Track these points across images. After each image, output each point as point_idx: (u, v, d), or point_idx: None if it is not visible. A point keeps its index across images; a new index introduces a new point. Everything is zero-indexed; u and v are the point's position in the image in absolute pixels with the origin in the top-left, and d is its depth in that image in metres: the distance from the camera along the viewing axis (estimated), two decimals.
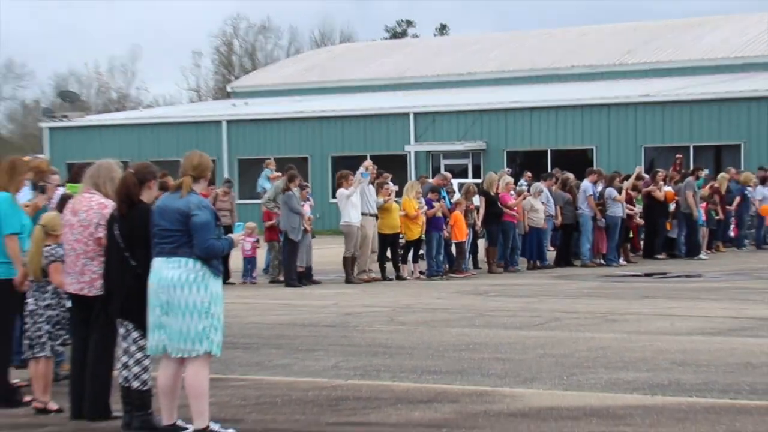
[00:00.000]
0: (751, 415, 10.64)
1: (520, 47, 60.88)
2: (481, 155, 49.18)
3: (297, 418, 10.93)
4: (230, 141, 53.15)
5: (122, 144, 53.92)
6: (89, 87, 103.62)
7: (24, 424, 11.00)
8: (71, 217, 11.19)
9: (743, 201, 34.60)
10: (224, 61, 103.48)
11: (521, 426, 10.38)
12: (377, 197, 26.24)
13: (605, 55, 56.96)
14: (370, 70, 62.74)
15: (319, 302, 21.55)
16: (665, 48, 56.40)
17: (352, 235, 25.64)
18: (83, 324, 11.11)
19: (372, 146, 49.84)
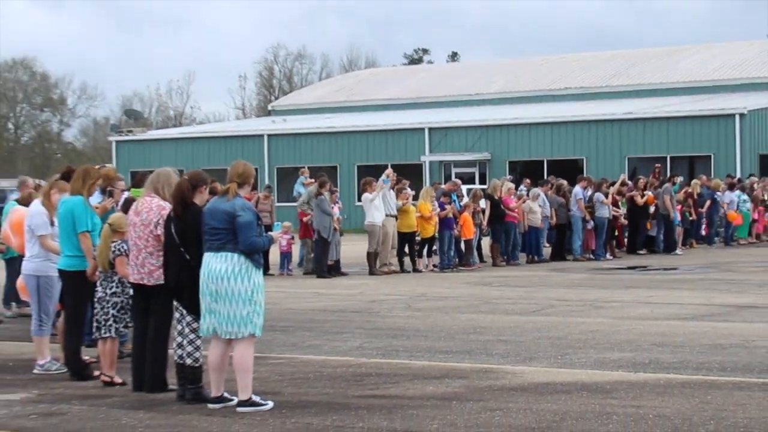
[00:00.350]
0: (720, 390, 10.57)
1: (520, 71, 60.81)
2: (487, 164, 49.17)
3: (327, 391, 10.89)
4: (270, 152, 53.21)
5: (178, 155, 54.03)
6: (151, 106, 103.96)
7: (93, 395, 10.99)
8: (134, 217, 11.18)
9: (713, 204, 34.52)
10: (266, 83, 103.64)
11: (521, 399, 10.32)
12: (397, 200, 26.21)
13: (594, 79, 56.91)
14: (390, 91, 62.73)
15: (346, 291, 21.52)
16: (646, 72, 56.31)
17: (375, 234, 25.62)
18: (143, 309, 11.11)
19: (392, 157, 49.82)
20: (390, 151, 50.73)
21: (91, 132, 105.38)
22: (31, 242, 12.67)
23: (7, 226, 15.85)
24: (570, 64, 60.40)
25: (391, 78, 66.91)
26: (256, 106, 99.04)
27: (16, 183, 17.98)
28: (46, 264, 12.48)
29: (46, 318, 12.53)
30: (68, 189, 12.39)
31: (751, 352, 12.88)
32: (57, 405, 10.48)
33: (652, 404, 9.90)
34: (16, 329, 16.14)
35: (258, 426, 9.32)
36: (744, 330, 14.79)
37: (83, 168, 12.45)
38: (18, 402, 10.68)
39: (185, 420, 9.65)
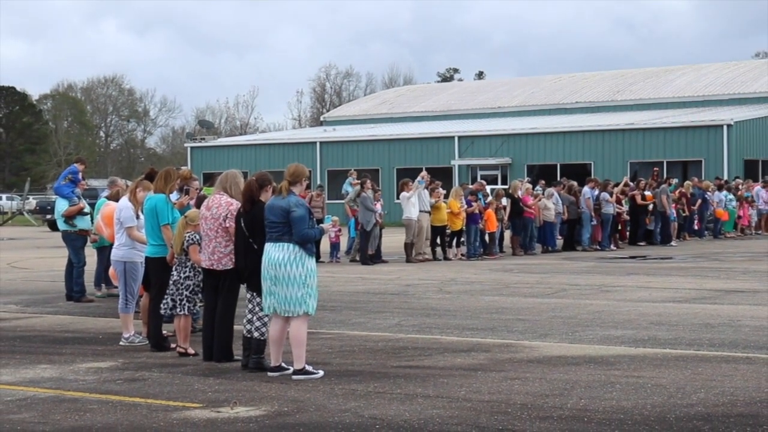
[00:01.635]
0: (710, 363, 10.46)
1: (537, 88, 60.52)
2: (508, 168, 48.97)
3: (369, 362, 10.85)
4: (322, 157, 53.22)
5: (243, 159, 54.17)
6: (220, 117, 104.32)
7: (170, 364, 11.00)
8: (206, 212, 11.19)
9: (704, 202, 34.27)
10: (318, 98, 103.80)
11: (537, 370, 10.24)
12: (430, 198, 26.13)
13: (600, 94, 56.58)
14: (425, 104, 62.60)
15: (386, 276, 21.43)
16: (645, 89, 55.93)
17: (411, 227, 25.54)
18: (213, 291, 11.11)
19: (426, 161, 49.67)
20: (424, 156, 50.60)
21: (170, 139, 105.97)
22: (119, 233, 12.72)
23: (99, 219, 15.94)
24: (579, 81, 60.07)
25: (426, 93, 66.75)
26: (310, 117, 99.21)
27: (107, 182, 18.04)
28: (131, 252, 12.52)
29: (131, 298, 12.57)
30: (151, 187, 12.44)
31: (736, 330, 12.73)
32: (139, 372, 10.50)
33: (650, 375, 9.80)
34: (105, 307, 16.24)
35: (310, 391, 9.30)
36: (730, 311, 14.63)
37: (165, 170, 12.49)
38: (106, 369, 10.71)
39: (248, 386, 9.64)
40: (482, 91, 63.47)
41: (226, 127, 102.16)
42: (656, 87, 55.74)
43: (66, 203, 17.70)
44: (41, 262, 26.65)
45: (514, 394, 9.00)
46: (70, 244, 17.58)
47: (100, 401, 9.03)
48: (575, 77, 62.02)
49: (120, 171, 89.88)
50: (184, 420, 8.26)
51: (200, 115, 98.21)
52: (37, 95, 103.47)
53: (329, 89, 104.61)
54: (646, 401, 8.60)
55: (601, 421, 7.92)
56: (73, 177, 17.94)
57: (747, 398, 8.67)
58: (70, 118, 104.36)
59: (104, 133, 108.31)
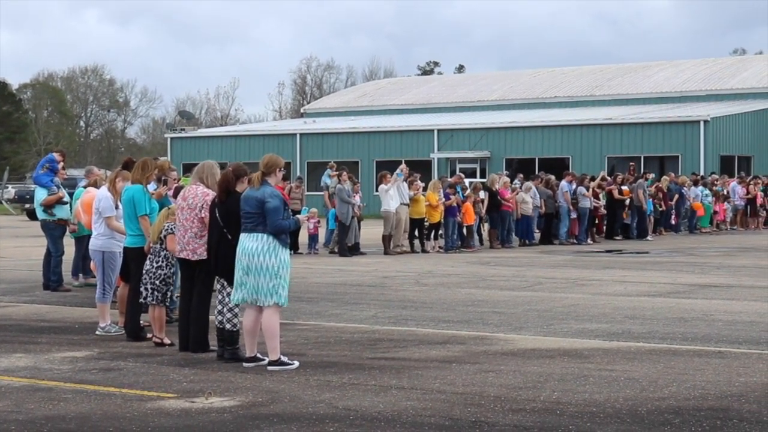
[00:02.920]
0: (682, 356, 10.50)
1: (516, 82, 60.59)
2: (487, 161, 48.99)
3: (345, 353, 10.84)
4: (302, 149, 53.12)
5: (223, 150, 54.01)
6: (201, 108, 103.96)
7: (146, 354, 10.96)
8: (182, 202, 11.15)
9: (680, 197, 34.38)
10: (299, 90, 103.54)
11: (512, 362, 10.25)
12: (409, 191, 26.11)
13: (579, 89, 56.68)
14: (405, 97, 62.55)
15: (363, 268, 21.38)
16: (623, 84, 56.06)
17: (390, 219, 25.53)
18: (188, 281, 11.07)
19: (406, 154, 49.70)
20: (404, 149, 50.58)
21: (150, 130, 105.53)
22: (97, 222, 12.66)
23: (78, 206, 15.89)
24: (558, 76, 60.16)
25: (406, 86, 66.71)
26: (291, 109, 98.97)
27: (84, 172, 17.96)
28: (110, 242, 12.47)
29: (109, 288, 12.52)
30: (129, 177, 12.39)
31: (709, 325, 12.78)
32: (115, 362, 10.46)
33: (623, 368, 9.83)
34: (82, 297, 16.15)
35: (285, 382, 9.28)
36: (704, 306, 14.68)
37: (142, 160, 12.44)
38: (82, 359, 10.66)
39: (223, 376, 9.61)
40: (462, 85, 63.47)
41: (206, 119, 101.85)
42: (634, 82, 55.88)
43: (45, 192, 17.60)
44: (19, 251, 26.50)
45: (487, 387, 9.00)
46: (49, 233, 17.49)
47: (74, 390, 8.99)
48: (554, 72, 62.09)
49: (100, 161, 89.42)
50: (158, 410, 8.23)
51: (180, 106, 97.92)
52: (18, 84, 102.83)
53: (310, 82, 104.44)
54: (619, 394, 8.62)
55: (573, 414, 7.93)
56: (51, 166, 17.84)
57: (718, 392, 8.70)
58: (50, 107, 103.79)
59: (84, 123, 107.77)
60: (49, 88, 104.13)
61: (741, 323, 12.89)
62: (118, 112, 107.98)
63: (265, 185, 10.02)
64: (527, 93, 57.89)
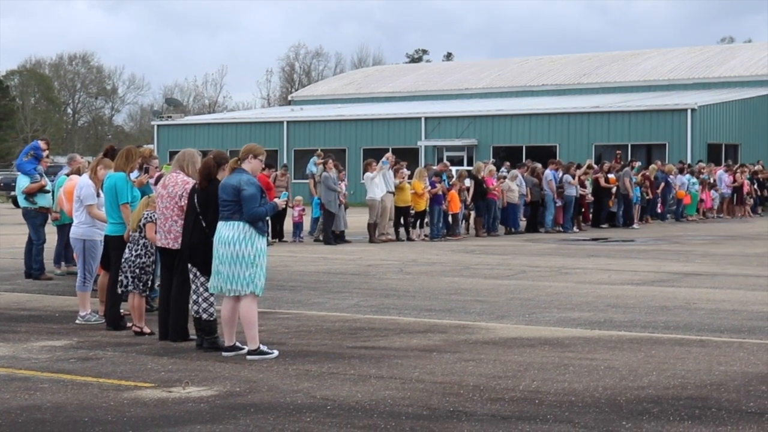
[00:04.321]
0: (663, 345, 10.47)
1: (504, 70, 60.52)
2: (474, 149, 48.94)
3: (325, 342, 10.78)
4: (289, 136, 52.94)
5: (210, 137, 53.84)
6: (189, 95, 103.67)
7: (125, 343, 10.89)
8: (162, 190, 11.08)
9: (667, 186, 34.42)
10: (288, 77, 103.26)
11: (492, 351, 10.21)
12: (394, 179, 26.06)
13: (567, 77, 56.63)
14: (393, 85, 62.45)
15: (348, 257, 21.32)
16: (611, 72, 56.04)
17: (375, 207, 25.48)
18: (168, 270, 11.00)
19: (393, 141, 49.61)
20: (391, 137, 50.49)
21: (138, 117, 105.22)
22: (78, 211, 12.59)
23: (61, 193, 15.80)
24: (546, 64, 60.10)
25: (394, 74, 66.58)
26: (279, 97, 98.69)
27: (66, 159, 17.86)
28: (91, 230, 12.40)
29: (89, 276, 12.46)
30: (112, 166, 12.32)
31: (692, 313, 12.76)
32: (93, 351, 10.39)
33: (604, 357, 9.80)
34: (63, 285, 16.07)
35: (264, 371, 9.23)
36: (687, 294, 14.67)
37: (126, 149, 12.37)
38: (60, 348, 10.59)
39: (202, 365, 9.56)
40: (450, 73, 63.36)
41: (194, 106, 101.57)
42: (622, 70, 55.86)
43: (27, 180, 17.49)
44: (2, 239, 26.35)
45: (467, 376, 8.96)
46: (30, 221, 17.40)
47: (51, 380, 8.93)
48: (542, 60, 62.03)
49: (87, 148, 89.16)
50: (135, 399, 8.18)
51: (168, 93, 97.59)
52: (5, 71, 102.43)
53: (298, 69, 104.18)
54: (598, 383, 8.59)
55: (552, 404, 7.90)
56: (36, 153, 17.73)
57: (698, 381, 8.67)
58: (38, 94, 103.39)
59: (72, 110, 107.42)
60: (36, 75, 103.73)
61: (723, 312, 12.88)
62: (105, 100, 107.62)
63: (241, 172, 9.95)
64: (515, 81, 57.82)
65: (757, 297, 14.30)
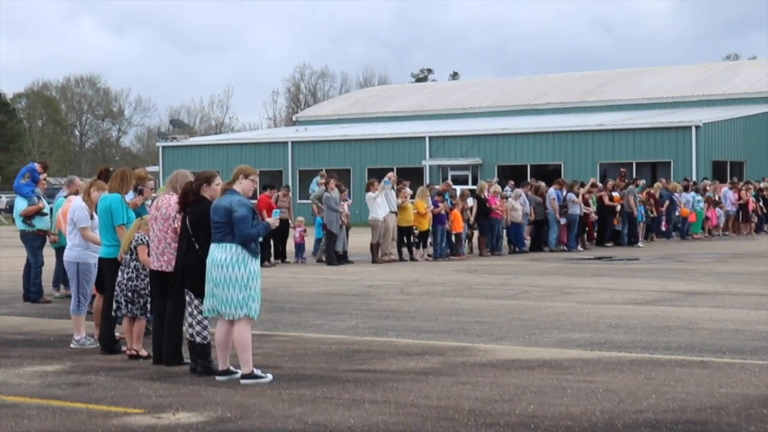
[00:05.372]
0: (664, 367, 10.28)
1: (508, 89, 60.45)
2: (479, 168, 48.82)
3: (321, 366, 10.60)
4: (293, 156, 52.85)
5: (215, 158, 53.80)
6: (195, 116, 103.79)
7: (119, 368, 10.72)
8: (155, 212, 10.95)
9: (671, 204, 34.21)
10: (293, 98, 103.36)
11: (489, 374, 10.03)
12: (397, 198, 25.91)
13: (571, 95, 56.53)
14: (397, 105, 62.41)
15: (349, 277, 21.13)
16: (615, 90, 55.93)
17: (377, 227, 25.32)
18: (162, 293, 10.84)
19: (397, 161, 49.54)
20: (396, 156, 50.40)
21: (145, 138, 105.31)
22: (72, 233, 12.46)
23: (59, 215, 15.69)
24: (551, 82, 60.04)
25: (399, 94, 66.55)
26: (285, 117, 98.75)
27: (65, 182, 17.73)
28: (85, 252, 12.25)
29: (84, 299, 12.30)
30: (105, 188, 12.19)
31: (694, 333, 12.57)
32: (86, 376, 10.23)
33: (603, 379, 9.61)
34: (61, 308, 15.88)
35: (256, 396, 9.05)
36: (690, 314, 14.47)
37: (121, 170, 12.27)
38: (52, 373, 10.43)
39: (194, 390, 9.39)
40: (455, 92, 63.31)
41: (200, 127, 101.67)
42: (627, 88, 55.74)
43: (25, 202, 17.39)
44: (4, 261, 26.22)
45: (463, 400, 8.78)
46: (28, 243, 17.28)
47: (39, 407, 8.76)
48: (546, 78, 61.97)
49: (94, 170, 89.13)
50: (123, 426, 8.01)
51: (174, 114, 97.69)
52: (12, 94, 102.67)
53: (304, 89, 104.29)
54: (596, 407, 8.40)
55: (547, 428, 7.71)
56: (32, 175, 17.63)
57: (698, 404, 8.48)
58: (45, 116, 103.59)
59: (79, 132, 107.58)
60: (43, 98, 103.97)
61: (726, 332, 12.68)
62: (112, 122, 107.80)
63: (233, 194, 9.81)
64: (519, 99, 57.73)
65: (760, 316, 14.10)
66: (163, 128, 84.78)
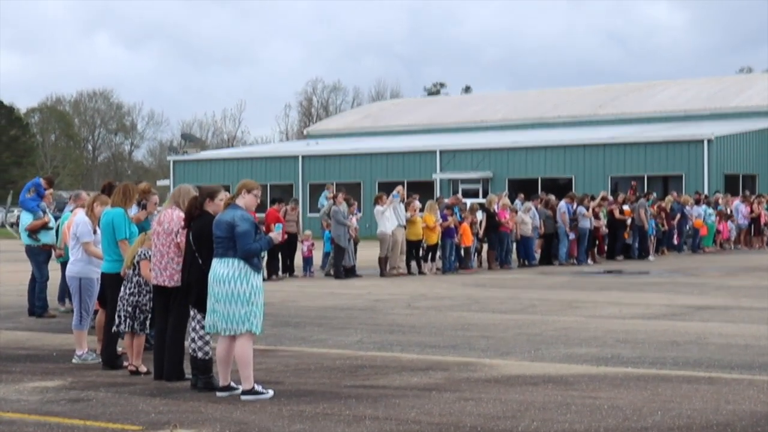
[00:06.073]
0: (671, 382, 10.13)
1: (519, 102, 60.35)
2: (489, 182, 48.65)
3: (323, 381, 10.48)
4: (304, 170, 52.78)
5: (225, 172, 53.78)
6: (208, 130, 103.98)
7: (119, 383, 10.62)
8: (157, 226, 10.86)
9: (683, 217, 34.03)
10: (305, 111, 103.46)
11: (493, 390, 9.89)
12: (406, 212, 25.80)
13: (582, 108, 56.37)
14: (409, 118, 62.32)
15: (357, 291, 20.97)
16: (627, 103, 55.75)
17: (386, 241, 25.20)
18: (164, 308, 10.74)
19: (408, 174, 49.44)
20: (406, 170, 50.29)
21: (157, 152, 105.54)
22: (75, 248, 12.38)
23: (65, 229, 15.60)
24: (562, 95, 59.90)
25: (410, 107, 66.48)
26: (297, 131, 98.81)
27: (72, 196, 17.66)
28: (87, 267, 12.17)
29: (86, 314, 12.21)
30: (108, 202, 12.12)
31: (702, 348, 12.41)
32: (85, 392, 10.12)
33: (608, 395, 9.46)
34: (66, 323, 15.68)
35: (256, 413, 8.94)
36: (699, 328, 14.30)
37: (123, 185, 12.18)
38: (52, 389, 10.33)
39: (194, 407, 9.28)
40: (466, 105, 63.22)
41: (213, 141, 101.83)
42: (638, 101, 55.56)
43: (31, 217, 17.34)
44: (14, 275, 26.17)
45: (465, 416, 8.65)
46: (33, 258, 17.23)
47: (37, 423, 8.66)
48: (558, 91, 61.84)
49: None
50: None
51: (186, 128, 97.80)
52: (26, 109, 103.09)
53: (316, 103, 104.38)
54: (600, 424, 8.27)
55: None
56: (37, 189, 17.59)
57: (704, 421, 8.33)
58: (58, 131, 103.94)
59: (91, 147, 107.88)
60: (56, 112, 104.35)
61: (735, 347, 12.52)
62: (125, 136, 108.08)
63: (235, 208, 9.71)
64: (531, 113, 57.60)
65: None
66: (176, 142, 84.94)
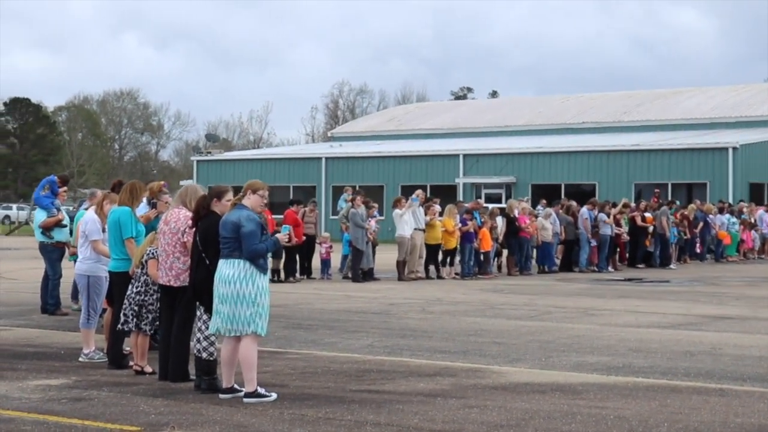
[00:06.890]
0: (681, 393, 9.93)
1: (544, 108, 60.06)
2: (512, 187, 48.41)
3: (328, 385, 10.35)
4: (327, 172, 52.70)
5: (249, 173, 53.66)
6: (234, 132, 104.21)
7: (123, 383, 10.53)
8: (164, 226, 10.76)
9: (706, 225, 33.72)
10: (331, 114, 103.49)
11: (500, 397, 9.73)
12: (425, 216, 25.65)
13: (607, 115, 56.04)
14: (433, 122, 62.14)
15: (372, 295, 20.83)
16: (652, 110, 55.39)
17: (404, 244, 25.05)
18: (170, 308, 10.64)
19: (431, 178, 49.28)
20: (429, 174, 50.13)
21: (183, 152, 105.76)
22: (83, 246, 12.33)
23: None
24: (587, 102, 59.59)
25: (435, 111, 66.31)
26: (323, 133, 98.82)
27: (87, 194, 17.64)
28: (96, 266, 12.13)
29: (94, 313, 12.16)
30: (117, 200, 12.06)
31: (716, 359, 12.20)
32: (88, 391, 10.04)
33: (615, 405, 9.28)
34: (78, 321, 15.60)
35: (258, 416, 8.83)
36: (714, 338, 14.08)
37: (131, 183, 12.12)
38: (55, 387, 10.25)
39: (195, 408, 9.17)
40: (491, 110, 62.99)
41: (239, 142, 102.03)
42: (664, 108, 55.19)
43: (45, 214, 17.32)
44: (33, 272, 26.17)
45: (468, 424, 8.50)
46: (47, 255, 17.21)
47: (35, 422, 8.57)
48: (583, 98, 61.51)
49: None
50: None
51: (212, 129, 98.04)
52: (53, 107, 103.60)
53: (342, 106, 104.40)
54: None
55: None
56: (52, 187, 17.57)
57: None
58: (85, 129, 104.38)
59: (118, 146, 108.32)
60: (83, 111, 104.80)
61: (749, 358, 12.30)
62: (151, 135, 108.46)
63: (241, 208, 9.60)
64: (555, 119, 57.32)
65: None
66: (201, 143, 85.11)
